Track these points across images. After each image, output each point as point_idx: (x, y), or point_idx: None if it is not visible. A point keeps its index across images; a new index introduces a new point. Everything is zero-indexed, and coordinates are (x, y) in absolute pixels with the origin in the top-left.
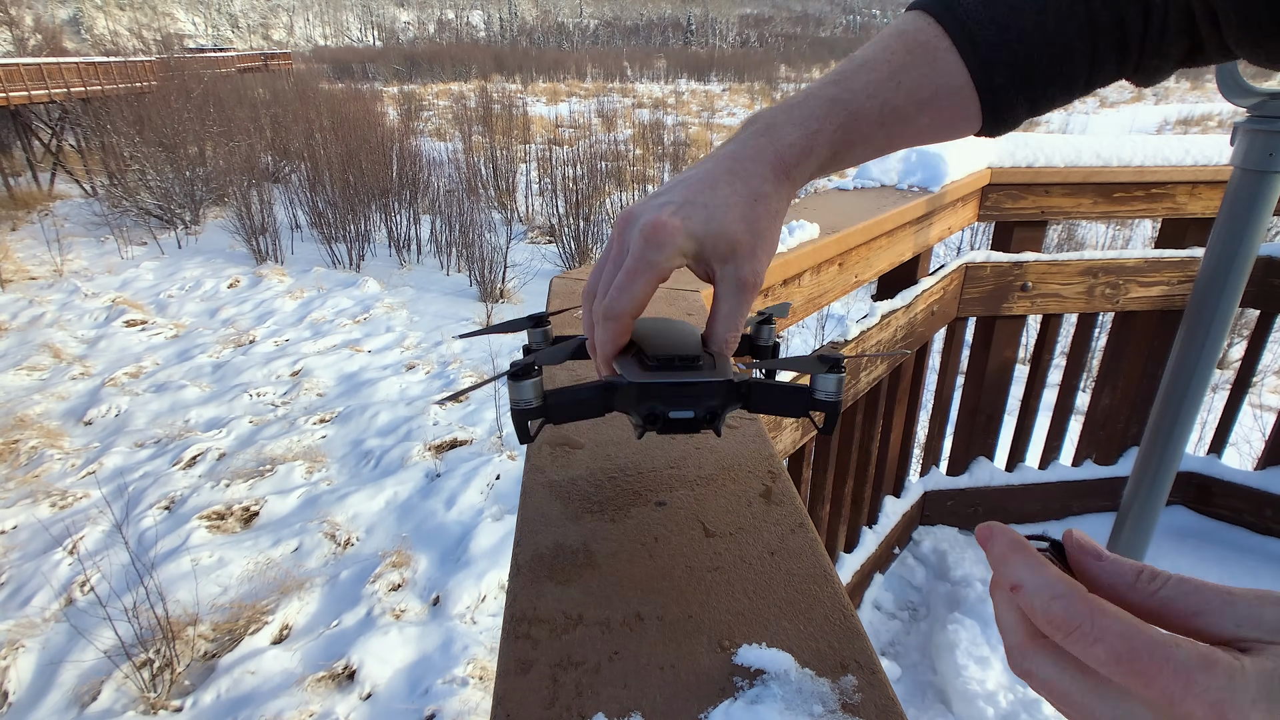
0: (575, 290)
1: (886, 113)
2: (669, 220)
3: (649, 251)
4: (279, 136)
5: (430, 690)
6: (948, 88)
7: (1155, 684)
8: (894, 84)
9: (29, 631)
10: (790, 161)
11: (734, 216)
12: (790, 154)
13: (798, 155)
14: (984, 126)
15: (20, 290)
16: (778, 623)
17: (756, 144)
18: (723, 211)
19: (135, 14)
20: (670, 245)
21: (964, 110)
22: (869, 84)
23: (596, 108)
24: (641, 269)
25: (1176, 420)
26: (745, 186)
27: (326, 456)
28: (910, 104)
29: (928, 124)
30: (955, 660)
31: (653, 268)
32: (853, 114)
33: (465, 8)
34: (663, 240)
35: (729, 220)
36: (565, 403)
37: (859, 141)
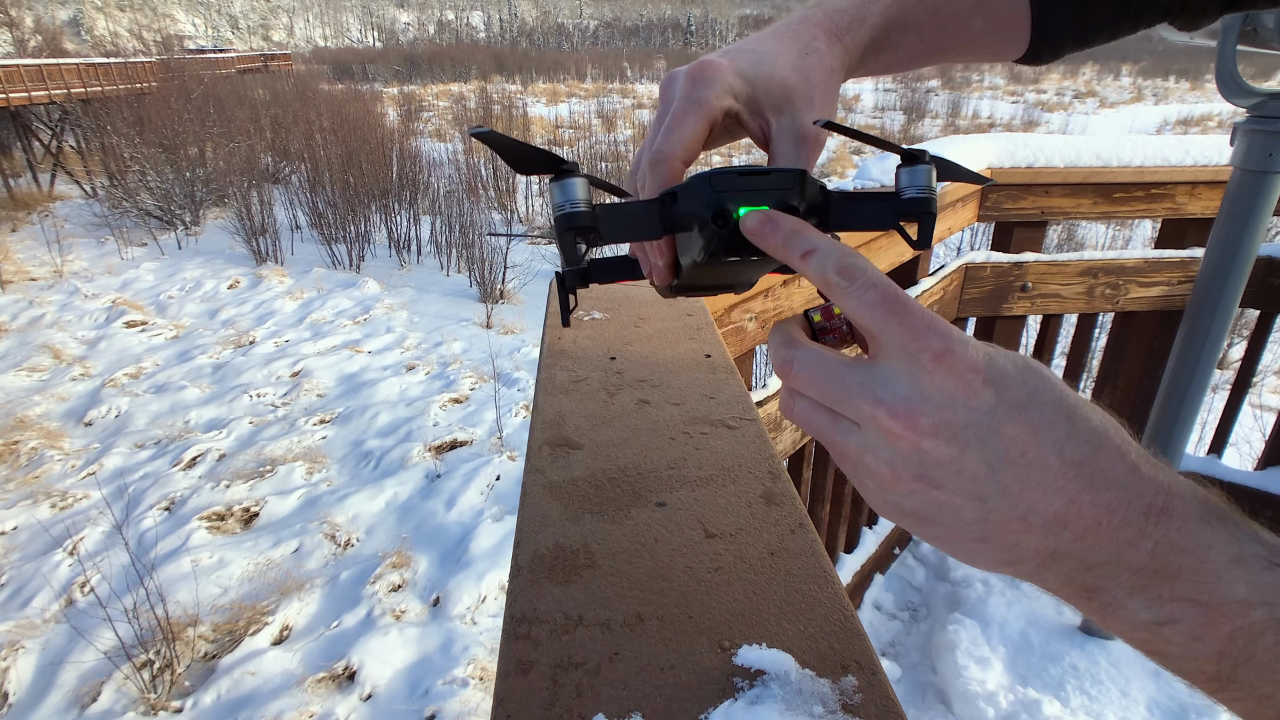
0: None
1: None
2: (716, 59)
3: (696, 89)
4: (279, 137)
5: (430, 691)
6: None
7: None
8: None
9: (29, 632)
10: (841, 25)
11: (785, 63)
12: (841, 19)
13: (849, 21)
14: (1030, 48)
15: (20, 291)
16: (778, 623)
17: (806, 12)
18: (773, 57)
19: (135, 15)
20: (719, 81)
21: (1015, 22)
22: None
23: (596, 108)
24: (689, 107)
25: (1177, 420)
26: (795, 41)
27: (326, 457)
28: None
29: (979, 28)
30: (955, 660)
31: (700, 104)
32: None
33: (465, 9)
34: (711, 76)
35: (780, 65)
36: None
37: (911, 26)
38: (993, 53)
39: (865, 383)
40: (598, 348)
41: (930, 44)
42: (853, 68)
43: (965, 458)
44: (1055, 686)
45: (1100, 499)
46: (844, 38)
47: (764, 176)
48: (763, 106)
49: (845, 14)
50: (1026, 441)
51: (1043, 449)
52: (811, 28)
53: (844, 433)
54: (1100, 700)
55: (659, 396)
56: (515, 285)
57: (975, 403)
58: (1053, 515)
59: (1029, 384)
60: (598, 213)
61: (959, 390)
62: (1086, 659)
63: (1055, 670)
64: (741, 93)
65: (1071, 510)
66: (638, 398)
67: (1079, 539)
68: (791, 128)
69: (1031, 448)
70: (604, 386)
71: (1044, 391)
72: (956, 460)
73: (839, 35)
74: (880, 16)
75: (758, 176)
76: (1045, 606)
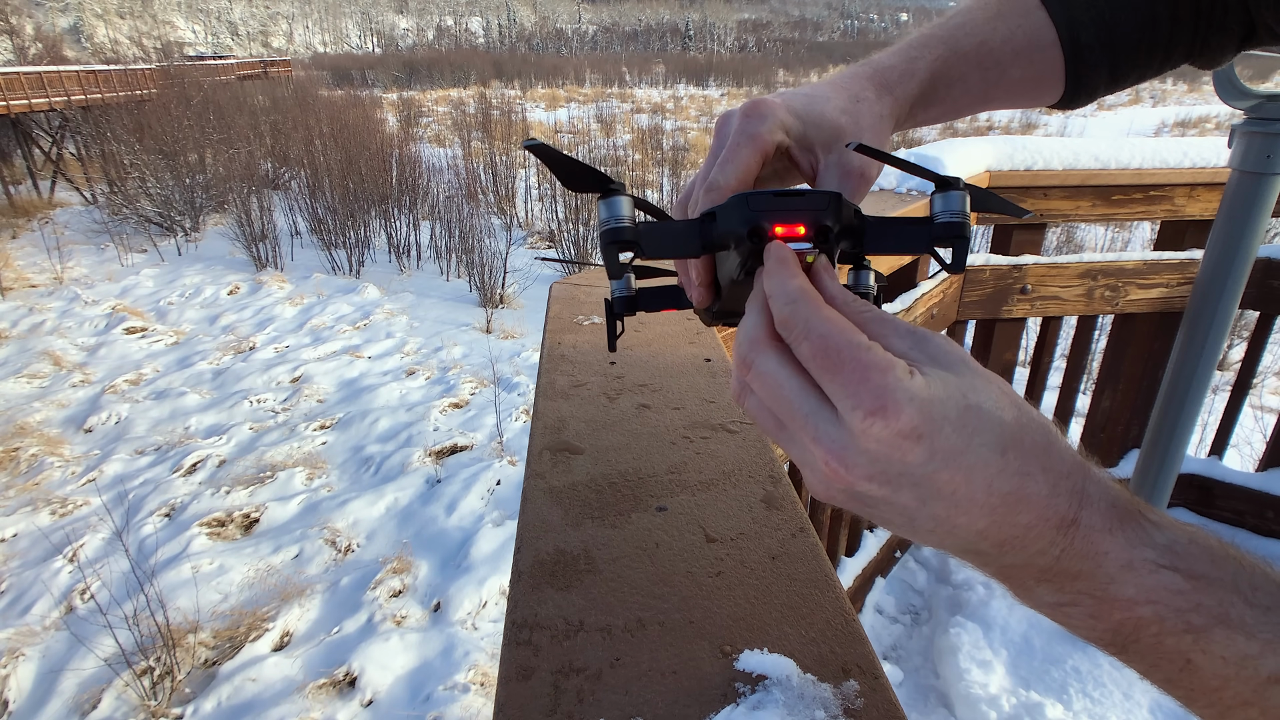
0: (575, 295)
1: (984, 54)
2: (770, 98)
3: (750, 123)
4: (279, 143)
5: (431, 697)
6: (1039, 42)
7: (839, 377)
8: (990, 27)
9: (29, 639)
10: (891, 80)
11: (836, 106)
12: (890, 74)
13: (898, 75)
14: (1065, 92)
15: (20, 298)
16: (779, 628)
17: (855, 69)
18: (823, 100)
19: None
20: (772, 117)
21: (1051, 71)
22: (966, 24)
23: (595, 113)
24: (744, 141)
25: (1177, 422)
26: (846, 90)
27: (327, 463)
28: (1005, 49)
29: (1019, 77)
30: (958, 664)
31: (754, 140)
32: (951, 48)
33: (464, 14)
34: (764, 112)
35: (830, 108)
36: (660, 234)
37: (956, 79)
38: (1031, 99)
39: (810, 416)
40: (598, 352)
41: (975, 95)
42: (902, 119)
43: (897, 495)
44: (1058, 689)
45: (1019, 520)
46: (894, 90)
47: (799, 197)
48: (813, 143)
49: (894, 70)
50: (959, 483)
51: (973, 488)
52: (862, 80)
53: (786, 441)
54: (1103, 703)
55: (659, 401)
56: (515, 290)
57: (909, 459)
58: (975, 532)
59: (968, 428)
60: (640, 229)
61: (891, 451)
62: (1089, 662)
63: (1057, 673)
64: (793, 129)
65: (992, 528)
66: (638, 402)
67: (996, 547)
68: (838, 164)
69: (963, 487)
70: (604, 391)
71: (983, 433)
72: (888, 497)
73: (889, 88)
74: (927, 71)
75: (793, 197)
76: None
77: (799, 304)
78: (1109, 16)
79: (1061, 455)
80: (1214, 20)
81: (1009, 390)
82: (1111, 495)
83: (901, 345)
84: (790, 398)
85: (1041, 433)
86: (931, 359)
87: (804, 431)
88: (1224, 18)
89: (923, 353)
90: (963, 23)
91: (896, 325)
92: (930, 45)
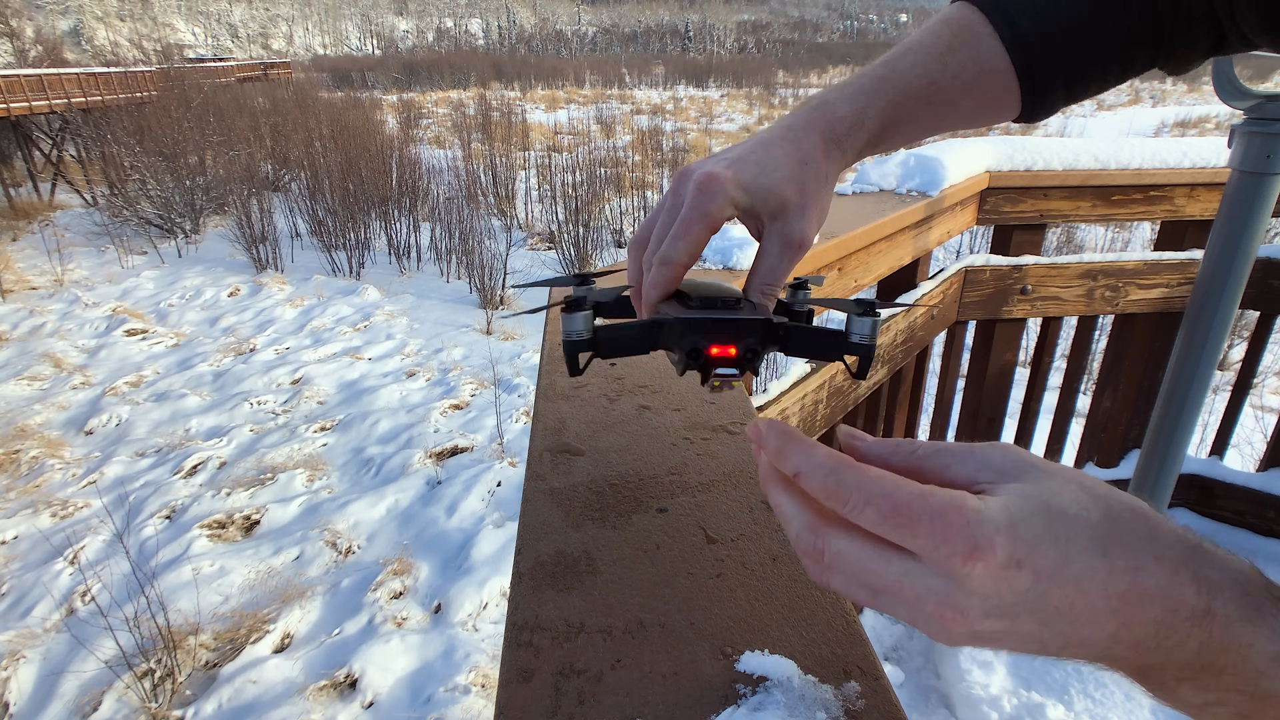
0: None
1: (933, 92)
2: (722, 172)
3: (702, 200)
4: (279, 145)
5: (432, 698)
6: (990, 70)
7: (920, 531)
8: (940, 65)
9: (30, 642)
10: (841, 132)
11: (784, 175)
12: (841, 126)
13: (848, 127)
14: (1023, 111)
15: (21, 300)
16: (780, 629)
17: (809, 116)
18: (773, 169)
19: (135, 25)
20: (722, 195)
21: (1005, 94)
22: (916, 64)
23: (595, 114)
24: (695, 218)
25: (1178, 422)
26: (796, 150)
27: (327, 464)
28: (955, 84)
29: (971, 105)
30: (959, 665)
31: (706, 216)
32: (901, 91)
33: (464, 16)
34: (715, 190)
35: (779, 178)
36: (614, 338)
37: (907, 119)
38: (987, 121)
39: (905, 578)
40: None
41: (926, 128)
42: (851, 163)
43: (1017, 625)
44: (1059, 690)
45: (1147, 616)
46: (843, 143)
47: (734, 323)
48: (760, 212)
49: (845, 121)
50: (1074, 597)
51: (1089, 597)
52: (814, 136)
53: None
54: (1104, 704)
55: (659, 402)
56: (515, 291)
57: (1017, 586)
58: (1107, 637)
59: (1059, 538)
60: (599, 334)
61: (999, 585)
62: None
63: (1059, 674)
64: (742, 202)
65: (1123, 631)
66: (638, 404)
67: (1131, 649)
68: (781, 233)
69: (1079, 600)
70: (604, 392)
71: (1076, 539)
72: (1010, 628)
73: (839, 142)
74: (878, 119)
75: (729, 323)
76: None
77: (840, 472)
78: (1060, 37)
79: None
80: (1176, 32)
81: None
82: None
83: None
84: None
85: (1140, 520)
86: (999, 473)
87: (906, 594)
88: (1188, 31)
89: (988, 469)
90: (914, 62)
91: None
92: (881, 91)
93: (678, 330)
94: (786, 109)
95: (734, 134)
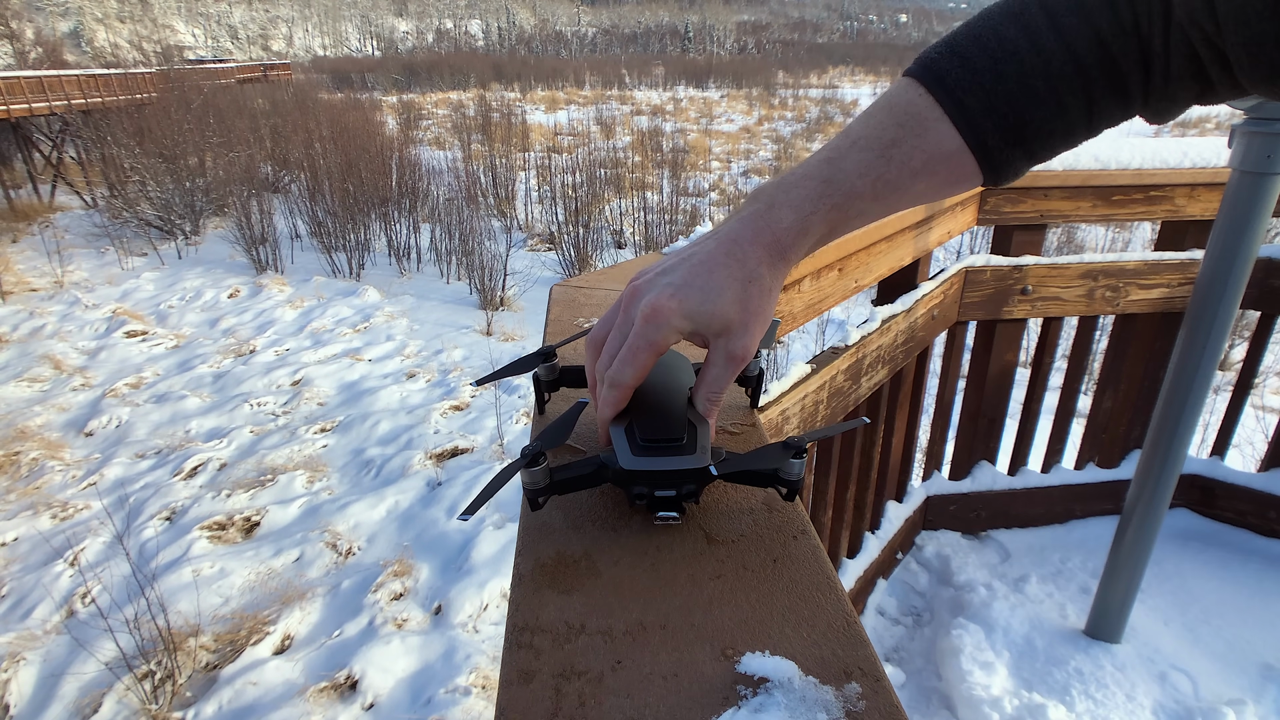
0: (575, 298)
1: (880, 187)
2: (667, 303)
3: (649, 330)
4: (279, 146)
5: (433, 700)
6: (941, 154)
7: None
8: (885, 160)
9: (30, 644)
10: (786, 243)
11: (728, 299)
12: (786, 236)
13: (794, 236)
14: (985, 181)
15: (21, 302)
16: (781, 630)
17: (755, 226)
18: (717, 294)
19: (135, 26)
20: (667, 326)
21: (960, 171)
22: (860, 163)
23: (595, 115)
24: (642, 346)
25: (1179, 422)
26: (741, 270)
27: (327, 466)
28: (904, 174)
29: (923, 189)
30: (960, 666)
31: (652, 345)
32: (846, 194)
33: (464, 17)
34: (660, 322)
35: (723, 303)
36: (568, 479)
37: (855, 215)
38: (949, 194)
39: None
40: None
41: (879, 215)
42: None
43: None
44: (1060, 691)
45: None
46: (787, 254)
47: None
48: (704, 333)
49: (790, 232)
50: None
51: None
52: (759, 251)
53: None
54: (1105, 704)
55: None
56: (515, 292)
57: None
58: None
59: None
60: (553, 477)
61: None
62: (1091, 663)
63: (1060, 674)
64: (686, 329)
65: None
66: None
67: None
68: (725, 349)
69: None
70: None
71: None
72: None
73: (783, 254)
74: (823, 224)
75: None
76: (1049, 610)
77: None
78: (1014, 116)
79: None
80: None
81: None
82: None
83: None
84: None
85: None
86: None
87: None
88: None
89: None
90: (858, 161)
91: None
92: (825, 195)
93: (623, 476)
94: (787, 109)
95: (734, 134)
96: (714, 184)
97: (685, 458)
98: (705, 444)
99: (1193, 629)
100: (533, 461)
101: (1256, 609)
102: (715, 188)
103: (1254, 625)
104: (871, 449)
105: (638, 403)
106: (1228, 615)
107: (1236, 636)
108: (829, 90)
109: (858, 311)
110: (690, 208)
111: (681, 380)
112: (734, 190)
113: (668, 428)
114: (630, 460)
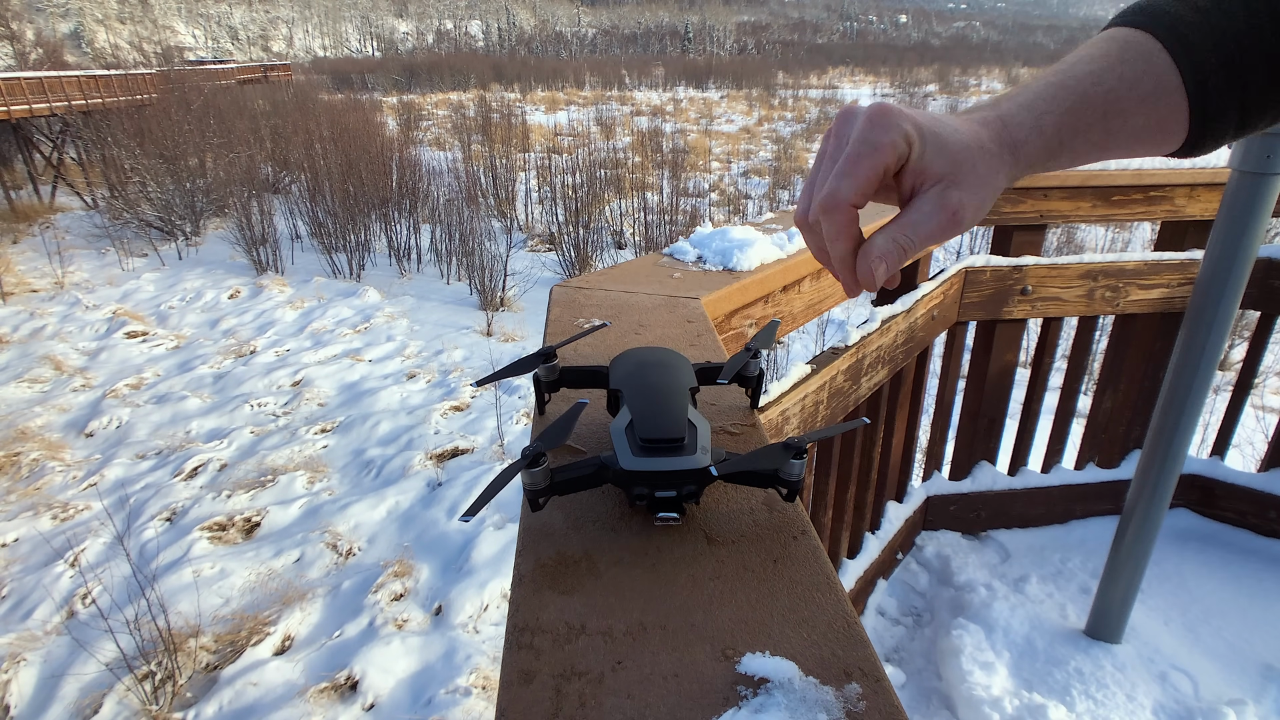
0: (575, 299)
1: (1110, 101)
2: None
3: (874, 131)
4: (279, 147)
5: (433, 700)
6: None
7: None
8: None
9: (30, 644)
10: (1018, 137)
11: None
12: (1019, 131)
13: (1025, 133)
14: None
15: (21, 303)
16: (781, 630)
17: (983, 115)
18: (953, 131)
19: (136, 27)
20: (897, 127)
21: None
22: (1093, 72)
23: (595, 116)
24: (865, 151)
25: (1179, 423)
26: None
27: (328, 466)
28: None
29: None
30: (960, 666)
31: (877, 150)
32: (1080, 98)
33: (464, 18)
34: (890, 122)
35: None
36: (568, 479)
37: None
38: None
39: None
40: (598, 355)
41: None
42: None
43: None
44: (1060, 691)
45: None
46: (1018, 151)
47: (676, 474)
48: (925, 166)
49: (1021, 127)
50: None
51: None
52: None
53: None
54: (1106, 705)
55: None
56: (515, 293)
57: None
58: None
59: None
60: (554, 478)
61: None
62: (1091, 663)
63: (1060, 675)
64: (914, 144)
65: None
66: None
67: None
68: (942, 195)
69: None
70: (605, 395)
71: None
72: None
73: (1014, 149)
74: (1054, 128)
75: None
76: (1049, 610)
77: None
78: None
79: None
80: None
81: None
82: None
83: None
84: None
85: None
86: None
87: None
88: None
89: None
90: (1090, 70)
91: None
92: (1058, 98)
93: (624, 476)
94: (787, 109)
95: (734, 135)
96: (714, 184)
97: (685, 458)
98: (705, 444)
99: (1193, 629)
100: (533, 462)
101: (1257, 609)
102: (715, 188)
103: (1254, 625)
104: (871, 449)
105: (638, 403)
106: (1228, 615)
107: (1237, 637)
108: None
109: (858, 311)
110: (690, 208)
111: (681, 380)
112: (734, 191)
113: (668, 428)
114: (630, 461)
